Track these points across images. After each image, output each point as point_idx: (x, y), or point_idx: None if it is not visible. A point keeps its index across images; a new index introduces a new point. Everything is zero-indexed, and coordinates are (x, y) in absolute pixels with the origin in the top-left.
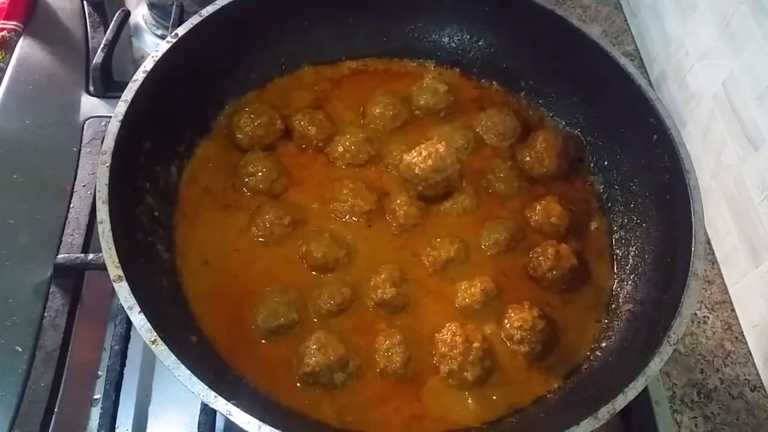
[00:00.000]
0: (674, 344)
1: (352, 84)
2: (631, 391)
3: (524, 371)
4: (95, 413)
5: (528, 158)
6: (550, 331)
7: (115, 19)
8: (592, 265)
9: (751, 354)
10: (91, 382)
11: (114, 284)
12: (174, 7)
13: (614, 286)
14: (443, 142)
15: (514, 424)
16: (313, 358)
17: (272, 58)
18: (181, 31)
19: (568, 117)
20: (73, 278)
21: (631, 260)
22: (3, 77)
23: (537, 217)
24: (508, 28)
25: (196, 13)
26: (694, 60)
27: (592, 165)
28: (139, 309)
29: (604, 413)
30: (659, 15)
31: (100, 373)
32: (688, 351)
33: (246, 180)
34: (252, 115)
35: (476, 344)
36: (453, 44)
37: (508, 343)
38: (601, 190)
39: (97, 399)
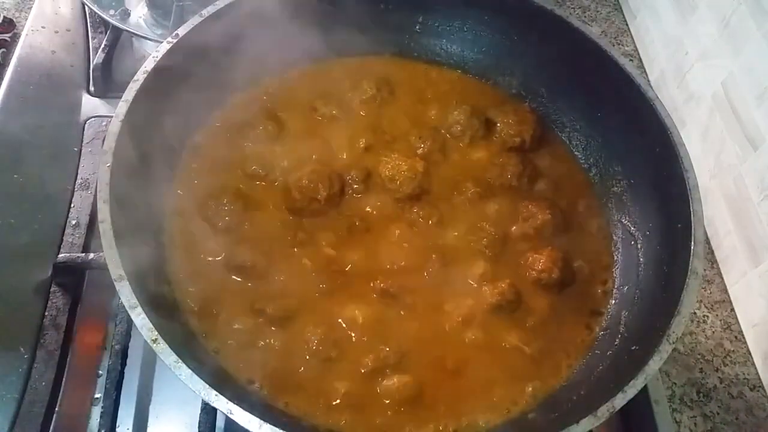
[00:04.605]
0: (673, 343)
1: None
2: (631, 390)
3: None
4: (96, 412)
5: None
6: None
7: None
8: (589, 264)
9: (750, 353)
10: (91, 381)
11: (115, 283)
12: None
13: (613, 285)
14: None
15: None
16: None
17: (273, 57)
18: (181, 31)
19: (566, 117)
20: (74, 278)
21: (629, 259)
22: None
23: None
24: (507, 29)
25: (196, 13)
26: (694, 60)
27: (590, 164)
28: (140, 308)
29: (604, 412)
30: (659, 15)
31: (100, 372)
32: (687, 350)
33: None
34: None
35: None
36: (450, 45)
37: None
38: (600, 190)
39: (97, 398)
